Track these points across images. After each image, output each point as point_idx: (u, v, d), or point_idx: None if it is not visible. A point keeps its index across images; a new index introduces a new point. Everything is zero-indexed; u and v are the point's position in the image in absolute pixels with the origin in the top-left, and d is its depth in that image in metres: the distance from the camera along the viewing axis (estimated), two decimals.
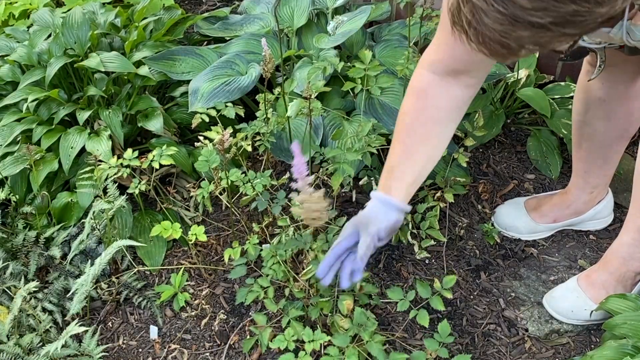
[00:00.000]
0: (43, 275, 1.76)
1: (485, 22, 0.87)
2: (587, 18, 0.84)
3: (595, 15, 0.84)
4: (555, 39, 0.88)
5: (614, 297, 1.42)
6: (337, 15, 2.08)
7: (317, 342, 1.40)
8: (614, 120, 1.57)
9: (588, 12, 0.83)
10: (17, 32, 2.17)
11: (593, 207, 1.78)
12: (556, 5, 0.82)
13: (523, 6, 0.83)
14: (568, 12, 0.83)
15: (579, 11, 0.83)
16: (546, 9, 0.82)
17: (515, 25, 0.85)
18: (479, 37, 0.90)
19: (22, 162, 1.84)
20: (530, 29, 0.85)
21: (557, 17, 0.83)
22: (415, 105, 1.35)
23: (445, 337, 1.40)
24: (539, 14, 0.83)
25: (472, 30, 0.90)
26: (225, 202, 1.65)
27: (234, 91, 1.87)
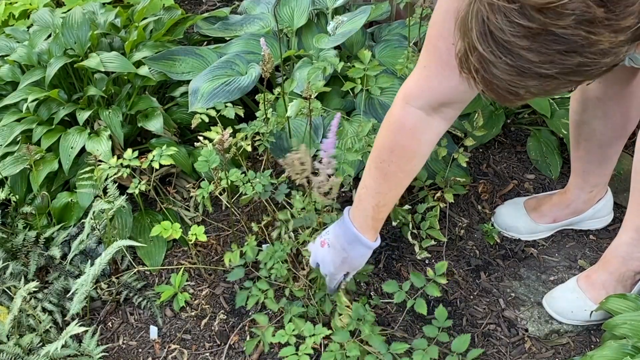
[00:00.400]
0: (43, 275, 1.76)
1: (494, 72, 0.88)
2: (592, 68, 0.86)
3: (601, 65, 0.86)
4: (561, 85, 0.90)
5: (614, 297, 1.43)
6: (337, 15, 2.08)
7: (317, 337, 1.40)
8: (611, 119, 1.57)
9: (593, 63, 0.85)
10: (17, 32, 2.17)
11: (592, 206, 1.78)
12: (562, 58, 0.83)
13: (530, 59, 0.84)
14: (574, 64, 0.84)
15: (585, 62, 0.84)
16: (553, 62, 0.84)
17: (523, 75, 0.87)
18: (486, 84, 0.92)
19: (22, 162, 1.84)
20: (538, 78, 0.87)
21: (563, 69, 0.85)
22: (402, 142, 1.32)
23: (443, 322, 1.40)
24: (546, 66, 0.85)
25: (479, 77, 0.92)
26: (225, 202, 1.65)
27: (234, 91, 1.87)
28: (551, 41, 0.82)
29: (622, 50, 0.86)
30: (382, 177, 1.34)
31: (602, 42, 0.82)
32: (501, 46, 0.85)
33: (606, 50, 0.84)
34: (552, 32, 0.81)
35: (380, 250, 1.80)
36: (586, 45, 0.82)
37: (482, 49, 0.87)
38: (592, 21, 0.81)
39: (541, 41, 0.83)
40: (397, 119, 1.30)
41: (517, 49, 0.84)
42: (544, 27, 0.82)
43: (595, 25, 0.81)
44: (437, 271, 1.45)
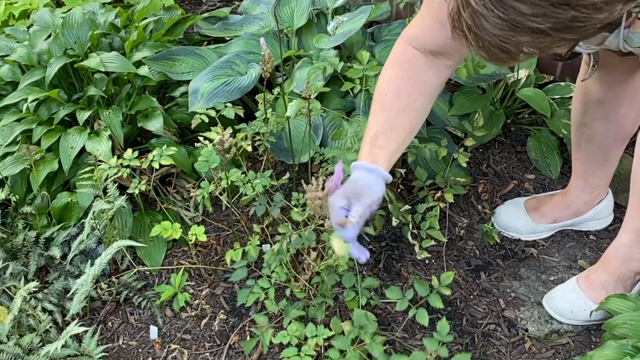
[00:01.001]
0: (43, 275, 1.76)
1: (486, 27, 0.88)
2: (585, 24, 0.85)
3: (594, 21, 0.85)
4: (554, 43, 0.89)
5: (614, 297, 1.42)
6: (337, 15, 2.09)
7: (320, 338, 1.40)
8: (612, 121, 1.57)
9: (587, 18, 0.84)
10: (17, 32, 2.17)
11: (593, 207, 1.78)
12: (555, 11, 0.83)
13: (523, 12, 0.84)
14: (567, 18, 0.84)
15: (578, 17, 0.84)
16: (545, 15, 0.84)
17: (515, 30, 0.86)
18: (478, 41, 0.91)
19: (22, 162, 1.84)
20: (530, 34, 0.86)
21: (556, 23, 0.85)
22: (400, 74, 1.33)
23: (444, 336, 1.39)
24: (539, 20, 0.84)
25: (472, 34, 0.91)
26: (225, 202, 1.65)
27: (234, 91, 1.87)
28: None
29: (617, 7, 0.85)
30: (379, 108, 1.33)
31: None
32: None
33: (599, 5, 0.83)
34: None
35: (380, 250, 1.80)
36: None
37: (475, 2, 0.87)
38: None
39: None
40: (397, 54, 1.34)
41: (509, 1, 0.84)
42: None
43: None
44: (442, 282, 1.43)
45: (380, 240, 1.83)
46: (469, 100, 1.99)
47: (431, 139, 1.89)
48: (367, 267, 1.74)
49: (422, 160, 1.90)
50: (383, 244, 1.82)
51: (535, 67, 2.10)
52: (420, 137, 1.86)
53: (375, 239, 1.83)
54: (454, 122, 1.98)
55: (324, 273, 1.47)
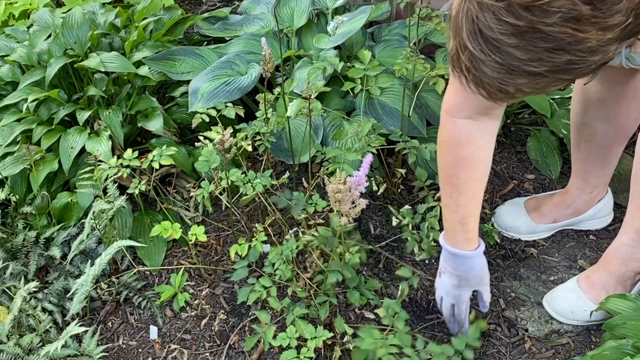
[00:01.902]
0: (43, 276, 1.76)
1: (484, 70, 0.89)
2: (581, 66, 0.86)
3: (589, 63, 0.86)
4: (551, 84, 0.91)
5: (614, 298, 1.42)
6: (337, 15, 2.09)
7: (319, 339, 1.40)
8: (612, 121, 1.57)
9: (582, 61, 0.85)
10: (17, 32, 2.17)
11: (593, 206, 1.78)
12: (550, 56, 0.84)
13: (519, 57, 0.85)
14: (562, 61, 0.85)
15: (573, 60, 0.85)
16: (541, 60, 0.85)
17: (512, 73, 0.88)
18: (477, 82, 0.93)
19: (22, 162, 1.84)
20: (527, 77, 0.88)
21: (552, 67, 0.86)
22: (461, 154, 1.35)
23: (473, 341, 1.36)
24: (535, 64, 0.86)
25: (470, 75, 0.93)
26: (225, 202, 1.65)
27: (234, 91, 1.87)
28: (539, 39, 0.83)
29: (611, 48, 0.86)
30: (457, 191, 1.37)
31: (590, 39, 0.83)
32: (490, 44, 0.86)
33: (594, 47, 0.84)
34: (539, 29, 0.82)
35: (381, 250, 1.80)
36: (573, 42, 0.83)
37: (472, 47, 0.88)
38: (578, 19, 0.81)
39: (529, 39, 0.83)
40: (449, 134, 1.34)
41: (505, 47, 0.85)
42: (531, 25, 0.82)
43: (581, 22, 0.81)
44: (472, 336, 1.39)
45: (380, 240, 1.83)
46: None
47: (431, 139, 1.89)
48: (367, 267, 1.74)
49: (423, 161, 1.90)
50: (383, 244, 1.82)
51: None
52: (420, 137, 1.86)
53: (375, 239, 1.83)
54: None
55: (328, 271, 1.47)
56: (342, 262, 1.45)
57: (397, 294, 1.68)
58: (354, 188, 1.23)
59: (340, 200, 1.24)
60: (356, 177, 1.22)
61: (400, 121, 1.84)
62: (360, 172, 1.22)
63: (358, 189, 1.24)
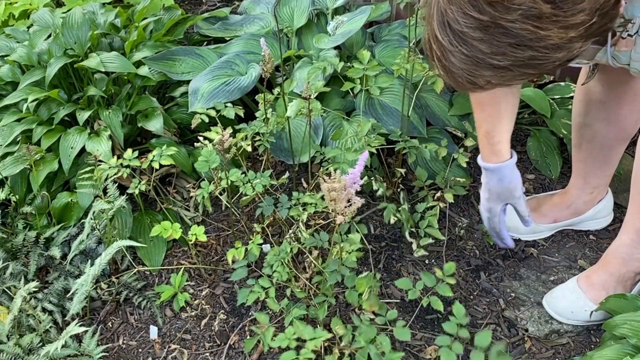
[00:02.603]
0: (43, 275, 1.76)
1: (452, 60, 0.92)
2: (544, 62, 0.88)
3: (553, 59, 0.88)
4: (516, 77, 0.92)
5: (614, 297, 1.42)
6: (337, 15, 2.09)
7: (318, 340, 1.40)
8: (614, 121, 1.57)
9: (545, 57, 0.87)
10: (17, 32, 2.17)
11: (593, 207, 1.78)
12: (513, 51, 0.86)
13: (483, 51, 0.87)
14: (525, 57, 0.87)
15: (536, 56, 0.86)
16: (505, 54, 0.87)
17: (478, 65, 0.90)
18: (447, 71, 0.95)
19: (22, 162, 1.84)
20: (492, 69, 0.90)
21: (515, 61, 0.87)
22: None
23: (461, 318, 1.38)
24: (498, 58, 0.87)
25: (440, 65, 0.95)
26: (225, 202, 1.65)
27: (234, 91, 1.87)
28: (501, 34, 0.85)
29: (576, 45, 0.87)
30: (480, 106, 1.44)
31: (551, 37, 0.84)
32: (457, 36, 0.88)
33: (557, 45, 0.85)
34: (502, 25, 0.84)
35: (380, 250, 1.80)
36: (535, 39, 0.84)
37: (442, 37, 0.90)
38: (539, 16, 0.83)
39: (492, 33, 0.85)
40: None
41: (470, 39, 0.87)
42: (494, 20, 0.84)
43: (542, 20, 0.83)
44: (446, 272, 1.44)
45: (380, 240, 1.83)
46: (469, 100, 1.98)
47: (431, 139, 1.89)
48: (367, 267, 1.74)
49: (422, 161, 1.90)
50: (383, 244, 1.82)
51: None
52: (420, 137, 1.86)
53: (375, 238, 1.83)
54: (454, 122, 1.98)
55: (327, 271, 1.47)
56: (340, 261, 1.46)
57: (396, 294, 1.69)
58: (349, 186, 1.23)
59: (335, 199, 1.24)
60: (351, 175, 1.22)
61: (400, 121, 1.84)
62: (355, 169, 1.21)
63: (353, 187, 1.23)
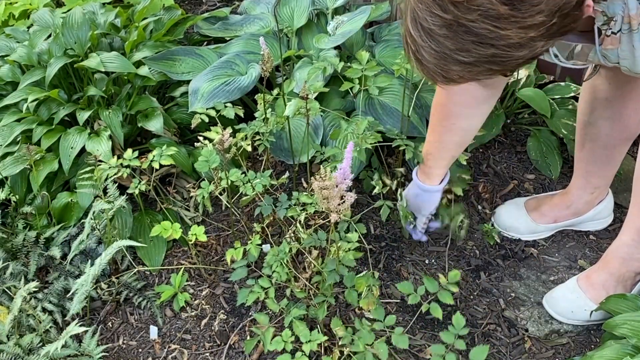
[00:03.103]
0: (43, 276, 1.76)
1: (424, 55, 0.96)
2: (507, 59, 0.91)
3: (516, 57, 0.91)
4: (482, 73, 0.96)
5: (614, 297, 1.43)
6: (337, 15, 2.09)
7: (314, 343, 1.40)
8: (618, 120, 1.57)
9: (507, 55, 0.90)
10: (17, 32, 2.17)
11: (593, 207, 1.78)
12: (476, 48, 0.90)
13: (449, 47, 0.92)
14: (488, 54, 0.90)
15: (498, 54, 0.90)
16: (468, 51, 0.91)
17: (446, 60, 0.94)
18: (422, 66, 0.99)
19: (22, 162, 1.84)
20: (459, 64, 0.94)
21: (479, 58, 0.91)
22: (440, 100, 1.51)
23: (460, 329, 1.39)
24: (463, 54, 0.92)
25: (415, 59, 0.99)
26: (225, 202, 1.65)
27: (234, 91, 1.87)
28: (464, 32, 0.89)
29: (538, 45, 0.90)
30: (430, 129, 1.58)
31: (511, 37, 0.87)
32: (427, 33, 0.93)
33: (518, 43, 0.88)
34: (464, 24, 0.88)
35: (380, 250, 1.80)
36: (496, 38, 0.88)
37: (414, 33, 0.95)
38: (497, 17, 0.87)
39: (456, 31, 0.89)
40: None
41: (437, 36, 0.92)
42: (457, 19, 0.89)
43: (501, 21, 0.87)
44: (450, 279, 1.44)
45: (380, 240, 1.83)
46: None
47: None
48: (367, 267, 1.74)
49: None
50: (383, 244, 1.82)
51: (535, 67, 2.10)
52: (420, 137, 1.86)
53: (375, 238, 1.83)
54: None
55: (326, 271, 1.47)
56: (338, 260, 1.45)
57: (397, 294, 1.68)
58: (340, 182, 1.23)
59: (327, 197, 1.24)
60: (340, 171, 1.22)
61: (400, 121, 1.84)
62: (344, 164, 1.21)
63: (344, 182, 1.23)
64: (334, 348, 1.45)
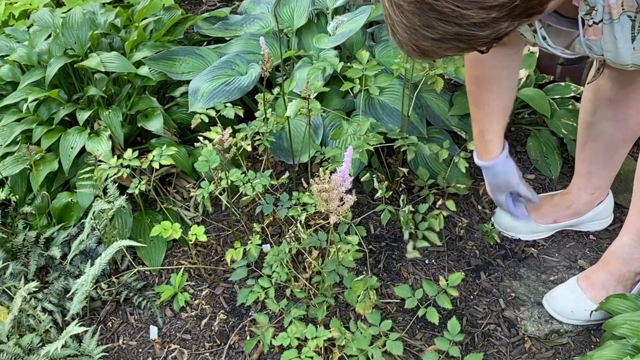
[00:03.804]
0: (43, 275, 1.76)
1: (399, 30, 0.97)
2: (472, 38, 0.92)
3: (480, 37, 0.92)
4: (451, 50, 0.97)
5: (614, 297, 1.42)
6: (337, 15, 2.09)
7: (320, 339, 1.40)
8: (621, 120, 1.57)
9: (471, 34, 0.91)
10: (17, 32, 2.17)
11: (593, 208, 1.78)
12: (441, 25, 0.91)
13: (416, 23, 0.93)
14: (452, 32, 0.91)
15: (462, 32, 0.91)
16: (434, 27, 0.91)
17: (417, 36, 0.95)
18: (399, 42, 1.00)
19: (22, 162, 1.84)
20: (429, 40, 0.95)
21: (445, 35, 0.92)
22: (474, 73, 1.55)
23: (455, 335, 1.39)
24: (430, 31, 0.92)
25: (392, 34, 1.00)
26: (225, 202, 1.65)
27: (234, 91, 1.87)
28: (429, 9, 0.89)
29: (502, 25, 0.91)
30: (474, 106, 1.59)
31: (473, 16, 0.88)
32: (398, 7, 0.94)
33: (482, 23, 0.89)
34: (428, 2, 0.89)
35: (380, 250, 1.80)
36: (458, 17, 0.88)
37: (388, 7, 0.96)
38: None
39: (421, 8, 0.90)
40: (466, 55, 1.52)
41: (406, 12, 0.92)
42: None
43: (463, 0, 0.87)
44: (451, 282, 1.44)
45: (380, 240, 1.83)
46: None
47: (431, 139, 1.89)
48: (367, 268, 1.74)
49: (423, 160, 1.90)
50: (383, 244, 1.82)
51: (535, 67, 2.10)
52: (420, 137, 1.86)
53: (375, 239, 1.83)
54: (454, 122, 1.98)
55: (325, 272, 1.47)
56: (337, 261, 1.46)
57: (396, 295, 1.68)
58: (340, 185, 1.23)
59: (327, 200, 1.24)
60: (340, 174, 1.22)
61: (400, 121, 1.84)
62: (343, 167, 1.22)
63: (344, 185, 1.23)
64: (334, 348, 1.46)
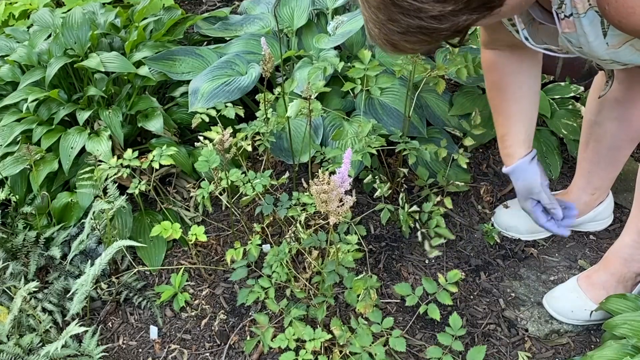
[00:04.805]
0: (43, 276, 1.76)
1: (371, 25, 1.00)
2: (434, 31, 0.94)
3: (441, 29, 0.94)
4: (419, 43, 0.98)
5: (614, 297, 1.42)
6: (337, 15, 2.09)
7: (317, 341, 1.40)
8: (626, 121, 1.57)
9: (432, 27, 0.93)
10: (17, 32, 2.17)
11: (593, 208, 1.78)
12: (403, 19, 0.93)
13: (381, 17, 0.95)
14: (415, 25, 0.93)
15: (424, 25, 0.93)
16: (397, 21, 0.94)
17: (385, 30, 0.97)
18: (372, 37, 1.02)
19: (22, 162, 1.84)
20: (396, 34, 0.97)
21: (408, 28, 0.94)
22: (491, 79, 1.54)
23: (457, 330, 1.39)
24: (394, 24, 0.95)
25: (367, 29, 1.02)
26: (225, 202, 1.65)
27: (234, 91, 1.87)
28: (390, 4, 0.92)
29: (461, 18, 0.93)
30: (494, 111, 1.58)
31: (429, 9, 0.90)
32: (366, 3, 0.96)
33: (440, 16, 0.91)
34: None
35: (380, 250, 1.80)
36: (416, 10, 0.91)
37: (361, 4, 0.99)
38: None
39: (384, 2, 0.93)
40: (483, 61, 1.55)
41: (373, 8, 0.95)
42: None
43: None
44: (449, 279, 1.44)
45: (380, 240, 1.83)
46: (469, 100, 1.99)
47: (431, 139, 1.89)
48: (366, 268, 1.74)
49: (423, 161, 1.90)
50: (383, 244, 1.82)
51: None
52: (420, 137, 1.86)
53: (375, 239, 1.83)
54: (454, 122, 1.98)
55: (325, 272, 1.47)
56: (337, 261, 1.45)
57: (397, 294, 1.68)
58: (339, 186, 1.23)
59: (326, 201, 1.24)
60: (339, 175, 1.22)
61: (400, 121, 1.84)
62: (342, 168, 1.22)
63: (343, 186, 1.23)
64: (334, 348, 1.46)
